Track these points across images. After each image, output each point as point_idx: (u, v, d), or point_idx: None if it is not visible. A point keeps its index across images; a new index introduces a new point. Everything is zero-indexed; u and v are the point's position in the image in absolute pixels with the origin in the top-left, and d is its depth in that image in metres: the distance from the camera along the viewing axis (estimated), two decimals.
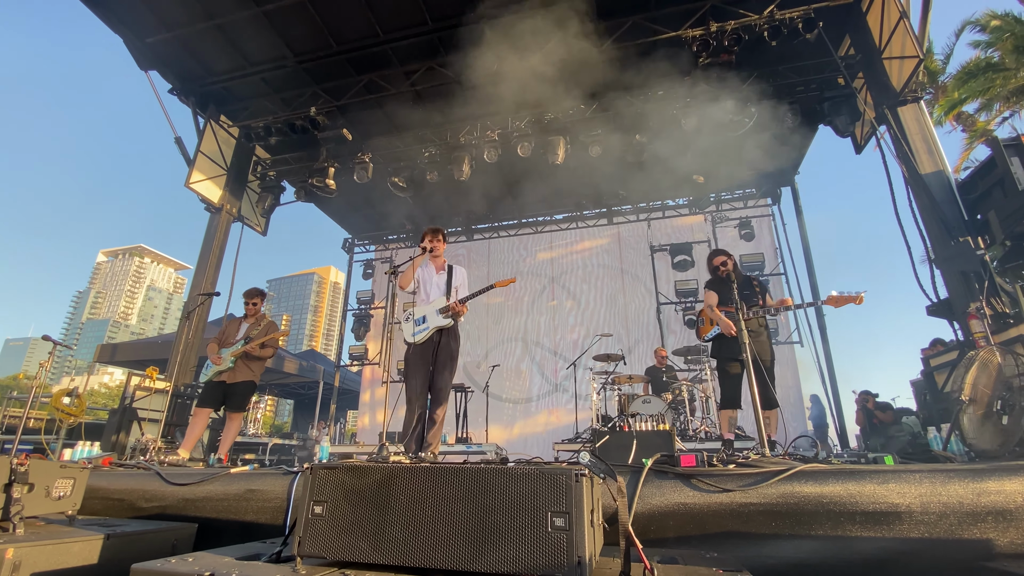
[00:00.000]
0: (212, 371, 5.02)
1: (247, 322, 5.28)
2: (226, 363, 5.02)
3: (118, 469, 3.37)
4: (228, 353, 5.05)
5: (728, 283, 4.33)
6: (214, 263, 8.56)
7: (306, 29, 7.51)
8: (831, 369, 9.52)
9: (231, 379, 5.01)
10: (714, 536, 2.12)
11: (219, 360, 4.97)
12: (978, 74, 11.23)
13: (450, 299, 4.19)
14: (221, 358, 4.99)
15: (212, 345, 5.12)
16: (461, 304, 4.13)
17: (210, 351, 5.09)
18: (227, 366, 5.01)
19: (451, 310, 4.10)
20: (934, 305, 6.41)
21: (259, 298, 5.48)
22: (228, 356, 5.04)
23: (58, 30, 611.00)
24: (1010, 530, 1.93)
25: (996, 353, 3.34)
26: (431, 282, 4.40)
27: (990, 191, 5.77)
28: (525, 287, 11.52)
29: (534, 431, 10.32)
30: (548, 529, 1.45)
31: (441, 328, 4.16)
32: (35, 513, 2.33)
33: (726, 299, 4.40)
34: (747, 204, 11.16)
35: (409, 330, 4.23)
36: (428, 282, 4.40)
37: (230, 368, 5.02)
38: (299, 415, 18.02)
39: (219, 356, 5.00)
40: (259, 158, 9.99)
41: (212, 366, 5.03)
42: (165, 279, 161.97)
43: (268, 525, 2.70)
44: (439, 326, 4.15)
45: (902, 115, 6.71)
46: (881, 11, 6.71)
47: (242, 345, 5.07)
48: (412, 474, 1.63)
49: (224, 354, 5.04)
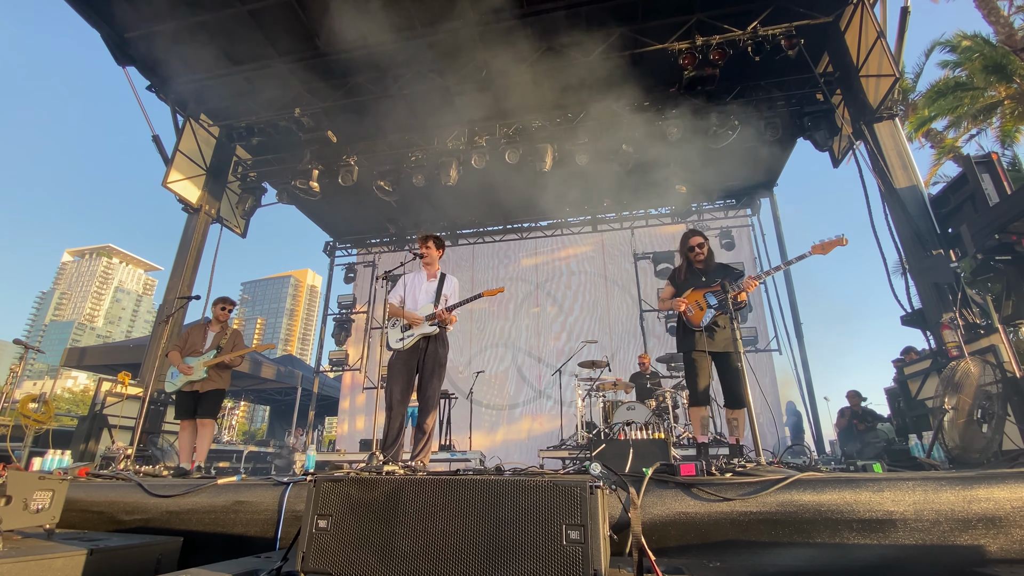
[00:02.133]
0: (181, 380, 4.90)
1: (212, 329, 5.18)
2: (198, 373, 4.90)
3: (96, 480, 3.24)
4: (199, 362, 4.94)
5: (700, 271, 4.03)
6: (191, 265, 8.33)
7: (292, 29, 7.41)
8: (808, 376, 9.75)
9: (203, 388, 4.93)
10: (715, 545, 2.14)
11: (189, 370, 4.86)
12: (947, 93, 11.72)
13: (438, 307, 4.17)
14: (191, 368, 4.87)
15: (175, 353, 4.99)
16: (448, 312, 4.10)
17: (174, 360, 4.95)
18: (200, 376, 4.91)
19: (437, 317, 4.07)
20: (908, 315, 6.62)
21: (232, 306, 5.42)
22: (199, 365, 4.92)
23: (26, 19, 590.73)
24: (1000, 536, 1.99)
25: (973, 364, 3.46)
26: (420, 289, 4.37)
27: (961, 206, 6.00)
28: (510, 293, 11.52)
29: (517, 438, 10.29)
30: (563, 542, 1.43)
31: (427, 335, 4.13)
32: (13, 527, 2.22)
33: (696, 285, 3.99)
34: (728, 214, 11.39)
35: (395, 336, 4.20)
36: (417, 289, 4.38)
37: (203, 378, 4.92)
38: (275, 422, 17.63)
39: (188, 366, 4.88)
40: (240, 158, 9.79)
41: (179, 375, 4.90)
42: (134, 280, 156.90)
43: (258, 538, 2.61)
44: (425, 333, 4.12)
45: (878, 131, 6.95)
46: (859, 30, 6.94)
47: (214, 355, 4.98)
48: (421, 487, 1.60)
49: (193, 363, 4.92)
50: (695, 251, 4.03)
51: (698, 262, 4.04)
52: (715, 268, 4.06)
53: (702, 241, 4.06)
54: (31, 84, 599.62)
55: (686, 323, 3.93)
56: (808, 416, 9.70)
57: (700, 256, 4.02)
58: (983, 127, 12.01)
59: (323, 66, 8.00)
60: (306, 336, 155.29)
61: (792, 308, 10.20)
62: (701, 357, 3.81)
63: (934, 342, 6.08)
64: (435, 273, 4.42)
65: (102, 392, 6.94)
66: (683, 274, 4.14)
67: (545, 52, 7.64)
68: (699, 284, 3.96)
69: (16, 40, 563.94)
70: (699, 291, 3.91)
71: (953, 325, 5.32)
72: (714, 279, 3.91)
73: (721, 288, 3.69)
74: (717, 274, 3.97)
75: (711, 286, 3.88)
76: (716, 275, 3.96)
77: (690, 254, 4.07)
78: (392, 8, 7.04)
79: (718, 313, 3.78)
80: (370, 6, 7.05)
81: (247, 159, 9.91)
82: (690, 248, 4.05)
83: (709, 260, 4.06)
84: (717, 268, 4.07)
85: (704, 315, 3.81)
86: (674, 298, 4.03)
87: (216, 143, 9.12)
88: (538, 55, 7.64)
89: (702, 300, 3.87)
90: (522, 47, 7.62)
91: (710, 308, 3.81)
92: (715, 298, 3.82)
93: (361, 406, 11.45)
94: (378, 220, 11.90)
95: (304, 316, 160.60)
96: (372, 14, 7.15)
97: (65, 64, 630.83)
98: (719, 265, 4.12)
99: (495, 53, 7.71)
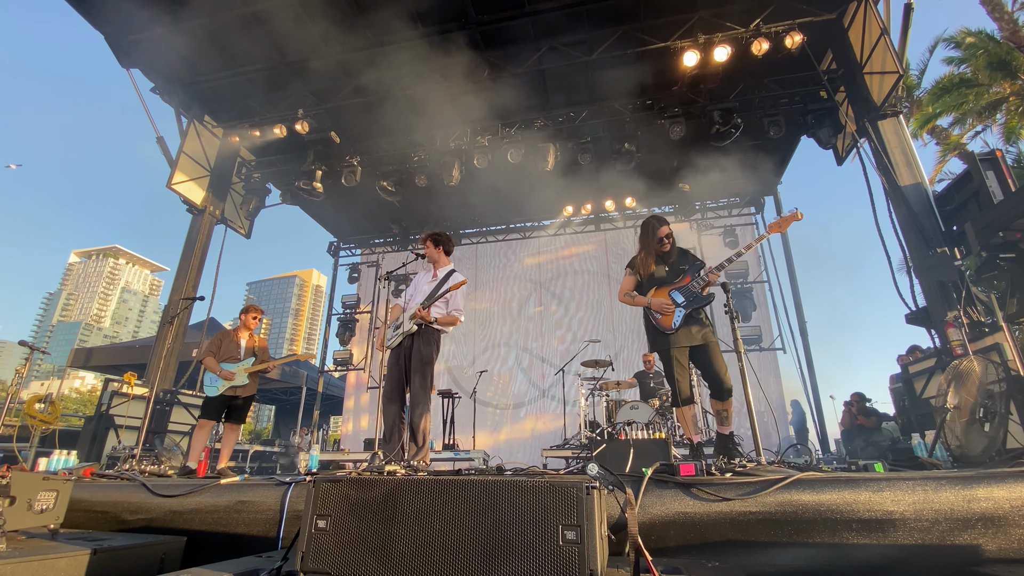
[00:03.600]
0: (224, 386, 4.98)
1: (242, 336, 5.27)
2: (240, 378, 5.01)
3: (100, 480, 3.27)
4: (240, 368, 5.04)
5: (663, 260, 3.77)
6: (196, 266, 8.39)
7: (296, 30, 7.43)
8: (812, 374, 9.72)
9: (244, 393, 5.06)
10: (714, 545, 2.14)
11: (232, 376, 4.95)
12: (952, 89, 11.63)
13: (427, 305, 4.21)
14: (233, 373, 4.96)
15: (211, 360, 5.05)
16: (424, 309, 4.05)
17: (211, 366, 5.01)
18: (242, 382, 5.02)
19: (417, 315, 4.09)
20: (913, 313, 6.59)
21: (260, 314, 5.58)
22: (241, 371, 5.03)
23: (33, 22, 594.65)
24: (999, 536, 1.98)
25: (976, 362, 3.44)
26: (419, 288, 4.37)
27: (966, 203, 5.96)
28: (512, 292, 11.53)
29: (521, 437, 10.31)
30: (559, 543, 1.44)
31: (411, 333, 4.14)
32: (17, 527, 2.24)
33: (659, 278, 3.75)
34: (731, 212, 11.36)
35: (388, 335, 4.21)
36: (416, 287, 4.39)
37: (244, 384, 5.04)
38: (281, 421, 17.70)
39: (231, 371, 4.97)
40: (244, 159, 9.83)
41: (220, 381, 4.96)
42: (140, 281, 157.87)
43: (260, 538, 2.64)
44: (407, 331, 4.14)
45: (882, 128, 6.91)
46: (863, 27, 6.90)
47: (253, 362, 5.11)
48: (419, 487, 1.61)
49: (234, 368, 5.02)
50: (663, 242, 3.77)
51: (663, 252, 3.80)
52: (677, 255, 3.83)
53: (670, 232, 3.80)
54: (37, 85, 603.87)
55: (655, 324, 3.67)
56: (813, 414, 9.67)
57: (667, 247, 3.78)
58: (988, 123, 11.92)
59: (326, 67, 8.02)
60: (311, 336, 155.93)
61: (796, 307, 10.17)
62: (681, 354, 3.58)
63: (939, 340, 6.06)
64: (437, 271, 4.43)
65: (108, 392, 7.00)
66: (646, 265, 3.81)
67: (548, 51, 7.64)
68: (663, 277, 3.75)
69: (21, 40, 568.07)
70: (663, 289, 3.69)
71: (958, 323, 5.29)
72: (678, 268, 3.73)
73: (689, 283, 3.56)
74: (680, 262, 3.78)
75: (676, 280, 3.68)
76: (679, 263, 3.77)
77: (658, 246, 3.78)
78: (393, 10, 7.06)
79: (686, 312, 3.58)
80: (370, 8, 7.08)
81: (251, 160, 9.95)
82: (659, 240, 3.77)
83: (673, 249, 3.82)
84: (679, 255, 3.84)
85: (673, 318, 3.59)
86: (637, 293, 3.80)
87: (220, 144, 9.17)
88: (540, 54, 7.64)
89: (667, 298, 3.65)
90: (524, 46, 7.62)
91: (678, 307, 3.60)
92: (681, 295, 3.63)
93: (365, 405, 11.50)
94: (381, 220, 11.94)
95: (309, 316, 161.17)
96: (374, 15, 7.20)
97: (72, 65, 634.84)
98: (680, 252, 3.87)
99: (496, 52, 7.72)
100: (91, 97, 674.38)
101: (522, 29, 7.40)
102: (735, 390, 3.45)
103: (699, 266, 3.71)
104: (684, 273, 3.68)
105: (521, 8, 7.06)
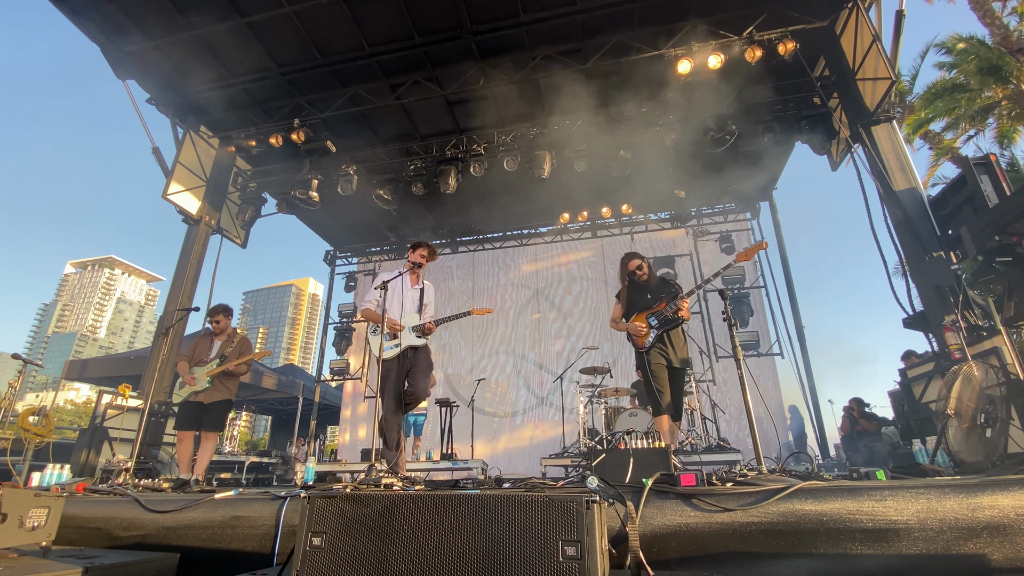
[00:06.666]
0: (186, 391, 4.87)
1: (219, 339, 5.15)
2: (201, 383, 4.87)
3: (93, 495, 3.22)
4: (202, 372, 4.91)
5: (643, 288, 4.34)
6: (192, 276, 8.34)
7: (291, 41, 7.45)
8: (811, 380, 9.70)
9: (207, 399, 4.88)
10: (716, 556, 2.11)
11: (193, 380, 4.83)
12: (944, 94, 11.73)
13: (422, 317, 4.18)
14: (195, 378, 4.84)
15: (183, 364, 4.96)
16: (436, 325, 4.14)
17: (181, 370, 4.93)
18: (203, 386, 4.87)
19: (426, 330, 4.07)
20: (910, 317, 6.59)
21: (222, 315, 5.30)
22: (203, 375, 4.89)
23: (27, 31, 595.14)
24: (1005, 545, 1.96)
25: (976, 367, 3.43)
26: (406, 296, 4.30)
27: (961, 207, 5.98)
28: (510, 299, 11.51)
29: (520, 445, 10.24)
30: (559, 559, 1.41)
31: (414, 346, 4.11)
32: (8, 545, 2.19)
33: (640, 305, 4.33)
34: (727, 218, 11.38)
35: (376, 344, 4.11)
36: (403, 295, 4.31)
37: (206, 388, 4.88)
38: (277, 432, 17.58)
39: (192, 376, 4.85)
40: (240, 169, 9.82)
41: (185, 385, 4.88)
42: (136, 291, 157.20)
43: (255, 554, 2.59)
44: (411, 344, 4.09)
45: (875, 134, 6.95)
46: (855, 34, 6.96)
47: (217, 364, 4.94)
48: (416, 503, 1.58)
49: (197, 373, 4.89)
50: (636, 274, 4.39)
51: (641, 282, 4.38)
52: (657, 284, 4.41)
53: (640, 263, 4.42)
54: (32, 94, 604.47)
55: (634, 344, 4.29)
56: (812, 420, 9.64)
57: (643, 277, 4.38)
58: (980, 128, 12.01)
59: (322, 76, 8.04)
60: (308, 345, 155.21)
61: (794, 312, 10.15)
62: (660, 369, 4.10)
63: (936, 345, 6.05)
64: (418, 280, 4.41)
65: (102, 404, 6.93)
66: (628, 295, 4.43)
67: (542, 59, 7.67)
68: (644, 303, 4.32)
69: (16, 48, 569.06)
70: (643, 313, 4.28)
71: (955, 327, 5.28)
72: (658, 295, 4.29)
73: (664, 308, 4.15)
74: (659, 290, 4.34)
75: (654, 305, 4.26)
76: (659, 291, 4.32)
77: (632, 277, 4.41)
78: (389, 18, 7.09)
79: (659, 332, 4.14)
80: (366, 18, 7.11)
81: (247, 170, 9.94)
82: (631, 273, 4.41)
83: (651, 278, 4.41)
84: (659, 283, 4.42)
85: (647, 338, 4.17)
86: (622, 320, 4.44)
87: (216, 154, 9.15)
88: (535, 62, 7.67)
89: (644, 322, 4.24)
90: (519, 54, 7.65)
91: (652, 329, 4.17)
92: (655, 319, 4.20)
93: (362, 415, 11.42)
94: (378, 229, 11.93)
95: (306, 325, 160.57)
96: (369, 24, 7.22)
97: (67, 74, 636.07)
98: (660, 280, 4.46)
99: (492, 61, 7.75)
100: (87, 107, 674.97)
101: (517, 38, 7.43)
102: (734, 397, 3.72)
103: (675, 293, 4.28)
104: (661, 299, 4.26)
105: (516, 17, 7.10)
